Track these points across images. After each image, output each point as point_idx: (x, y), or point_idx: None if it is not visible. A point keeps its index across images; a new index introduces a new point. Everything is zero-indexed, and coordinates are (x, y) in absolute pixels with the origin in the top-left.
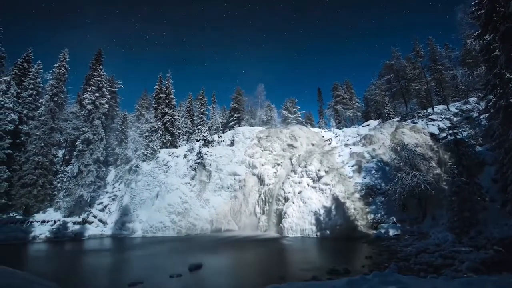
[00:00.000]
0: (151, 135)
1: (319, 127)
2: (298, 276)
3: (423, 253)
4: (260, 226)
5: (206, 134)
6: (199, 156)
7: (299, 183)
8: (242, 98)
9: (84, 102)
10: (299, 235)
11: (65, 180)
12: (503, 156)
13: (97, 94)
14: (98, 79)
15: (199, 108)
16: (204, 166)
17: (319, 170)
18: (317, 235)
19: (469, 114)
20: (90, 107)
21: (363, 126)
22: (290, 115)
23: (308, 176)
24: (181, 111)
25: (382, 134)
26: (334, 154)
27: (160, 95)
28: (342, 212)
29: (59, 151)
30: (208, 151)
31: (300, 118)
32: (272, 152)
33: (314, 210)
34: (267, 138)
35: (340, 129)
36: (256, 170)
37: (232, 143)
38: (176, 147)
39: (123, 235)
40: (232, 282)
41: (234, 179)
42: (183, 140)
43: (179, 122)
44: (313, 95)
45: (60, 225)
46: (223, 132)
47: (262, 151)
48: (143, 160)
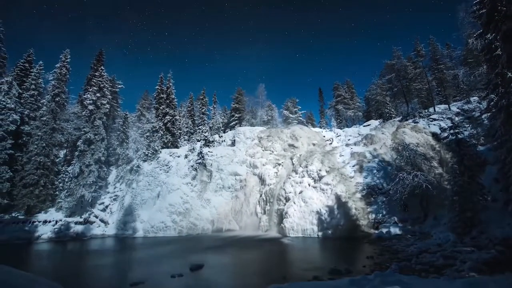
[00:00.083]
0: (152, 135)
1: (320, 127)
2: (299, 276)
3: (425, 253)
4: (261, 226)
5: (207, 134)
6: (200, 156)
7: (300, 183)
8: (243, 98)
9: (85, 103)
10: (300, 235)
11: (66, 180)
12: (505, 156)
13: (98, 95)
14: (99, 79)
15: (200, 108)
16: (205, 166)
17: (320, 170)
18: (318, 235)
19: (470, 114)
20: (91, 107)
21: (364, 126)
22: (291, 115)
23: (309, 176)
24: (182, 111)
25: (383, 134)
26: (335, 154)
27: (161, 95)
28: (344, 212)
29: (61, 151)
30: (209, 151)
31: (301, 118)
32: (273, 152)
33: (315, 210)
34: (268, 138)
35: (341, 129)
36: (257, 170)
37: (233, 143)
38: (177, 147)
39: (125, 235)
40: (234, 282)
41: (235, 179)
42: (184, 140)
43: (180, 122)
44: (314, 95)
45: (62, 225)
46: (224, 132)
47: (263, 151)
48: (144, 160)
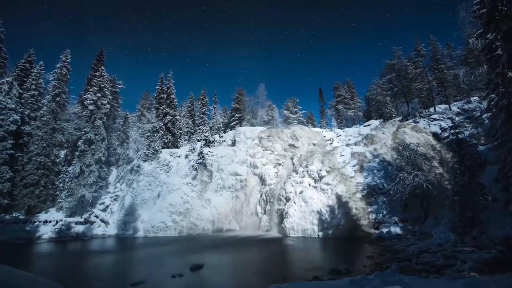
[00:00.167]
0: (153, 135)
1: (321, 127)
2: (300, 276)
3: (425, 253)
4: (261, 226)
5: (207, 134)
6: (201, 156)
7: (301, 183)
8: (243, 98)
9: (85, 103)
10: (300, 235)
11: (67, 180)
12: (506, 156)
13: (98, 95)
14: (100, 79)
15: (200, 108)
16: (205, 166)
17: (320, 170)
18: (318, 235)
19: (471, 114)
20: (91, 107)
21: (365, 126)
22: (291, 115)
23: (310, 176)
24: (182, 111)
25: (383, 133)
26: (335, 154)
27: (162, 95)
28: (344, 212)
29: (61, 151)
30: (209, 151)
31: (301, 118)
32: (273, 152)
33: (316, 210)
34: (268, 138)
35: (341, 129)
36: (257, 170)
37: (233, 143)
38: (177, 147)
39: (125, 235)
40: (234, 282)
41: (236, 179)
42: (185, 140)
43: (180, 122)
44: (314, 95)
45: (63, 225)
46: (225, 132)
47: (264, 151)
48: (145, 160)
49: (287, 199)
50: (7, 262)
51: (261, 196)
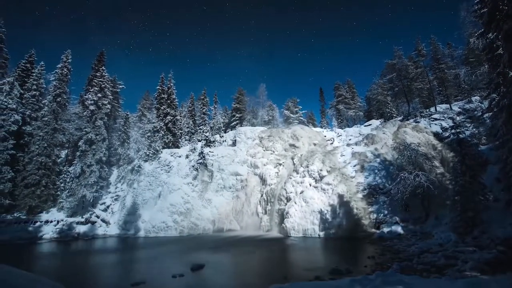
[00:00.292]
0: (153, 135)
1: (321, 127)
2: (300, 276)
3: (426, 253)
4: (262, 226)
5: (208, 134)
6: (201, 156)
7: (301, 183)
8: (244, 98)
9: (86, 103)
10: (301, 235)
11: (68, 180)
12: (507, 155)
13: (99, 95)
14: (101, 79)
15: (201, 108)
16: (206, 166)
17: (321, 170)
18: (319, 235)
19: (472, 113)
20: (92, 107)
21: (365, 126)
22: (292, 115)
23: (310, 176)
24: (183, 111)
25: (384, 133)
26: (336, 154)
27: (162, 96)
28: (345, 212)
29: (62, 151)
30: (210, 151)
31: (302, 118)
32: (274, 152)
33: (317, 210)
34: (269, 138)
35: (342, 128)
36: (258, 170)
37: (234, 143)
38: (178, 147)
39: (126, 235)
40: (234, 282)
41: (236, 179)
42: (185, 140)
43: (181, 122)
44: (315, 94)
45: (64, 225)
46: (225, 132)
47: (264, 151)
48: (145, 160)
49: (288, 199)
50: (9, 262)
51: (261, 196)
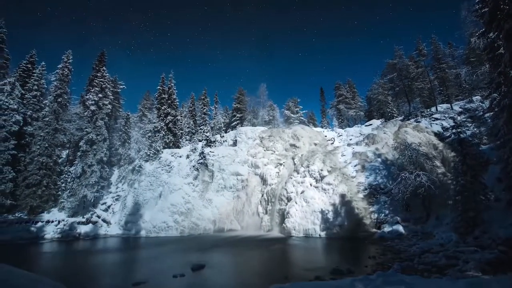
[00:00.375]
0: (154, 135)
1: (322, 127)
2: (301, 276)
3: (427, 253)
4: (263, 226)
5: (208, 134)
6: (202, 156)
7: (302, 183)
8: (245, 98)
9: (87, 103)
10: (302, 235)
11: (69, 180)
12: (508, 155)
13: (100, 95)
14: (101, 80)
15: (201, 108)
16: (206, 166)
17: (321, 170)
18: (320, 235)
19: (473, 113)
20: (93, 108)
21: (366, 126)
22: (293, 115)
23: (311, 176)
24: (183, 112)
25: (385, 133)
26: (336, 154)
27: (163, 96)
28: (345, 212)
29: (63, 151)
30: (210, 151)
31: (302, 118)
32: (274, 152)
33: (317, 210)
34: (270, 138)
35: (342, 128)
36: (258, 170)
37: (234, 143)
38: (178, 147)
39: (127, 235)
40: (235, 282)
41: (237, 179)
42: (186, 140)
43: (181, 122)
44: (315, 94)
45: (65, 225)
46: (226, 132)
47: (265, 151)
48: (146, 161)
49: (289, 199)
50: (10, 262)
51: (262, 196)
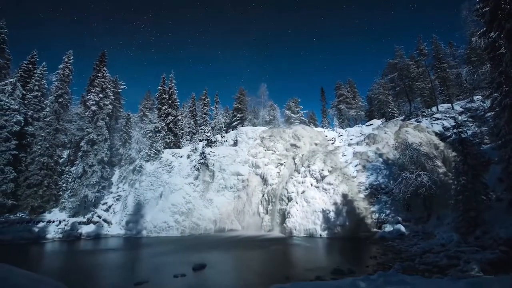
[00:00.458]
0: (155, 135)
1: (322, 127)
2: (302, 276)
3: (428, 253)
4: (263, 226)
5: (209, 134)
6: (202, 156)
7: (303, 182)
8: (245, 98)
9: (88, 103)
10: (302, 235)
11: (70, 180)
12: (509, 155)
13: (101, 95)
14: (102, 80)
15: (202, 108)
16: (207, 166)
17: (322, 170)
18: (321, 235)
19: (474, 113)
20: (94, 108)
21: (367, 126)
22: (293, 115)
23: (312, 175)
24: (184, 112)
25: (385, 133)
26: (337, 154)
27: (163, 96)
28: (346, 212)
29: (64, 152)
30: (211, 151)
31: (303, 118)
32: (275, 152)
33: (318, 210)
34: (270, 138)
35: (343, 128)
36: (259, 170)
37: (235, 143)
38: (179, 147)
39: (128, 235)
40: (236, 282)
41: (237, 179)
42: (186, 140)
43: (182, 122)
44: (316, 94)
45: (66, 225)
46: (226, 132)
47: (265, 151)
48: (147, 161)
49: (289, 199)
50: (11, 262)
51: (263, 196)
